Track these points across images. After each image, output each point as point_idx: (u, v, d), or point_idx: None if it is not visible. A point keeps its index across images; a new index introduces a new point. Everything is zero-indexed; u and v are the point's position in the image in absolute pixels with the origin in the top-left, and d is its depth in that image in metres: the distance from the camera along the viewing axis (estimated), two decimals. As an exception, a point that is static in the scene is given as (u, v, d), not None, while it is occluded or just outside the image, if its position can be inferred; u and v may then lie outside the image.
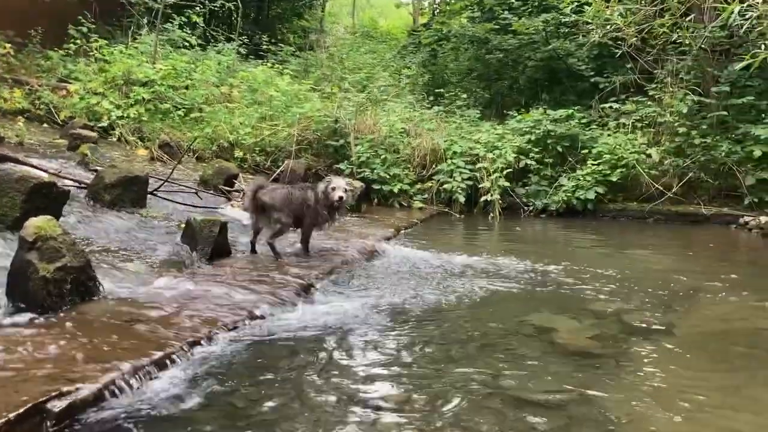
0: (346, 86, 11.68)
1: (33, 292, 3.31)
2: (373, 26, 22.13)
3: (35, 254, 3.33)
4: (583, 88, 12.03)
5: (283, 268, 4.92)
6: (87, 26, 12.00)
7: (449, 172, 9.71)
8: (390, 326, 3.93)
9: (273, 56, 14.84)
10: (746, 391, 3.31)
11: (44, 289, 3.32)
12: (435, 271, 5.57)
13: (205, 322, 3.48)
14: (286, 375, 3.12)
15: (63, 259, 3.42)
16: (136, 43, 12.31)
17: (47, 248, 3.37)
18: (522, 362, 3.53)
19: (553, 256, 6.35)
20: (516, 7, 12.89)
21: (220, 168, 7.99)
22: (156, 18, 12.90)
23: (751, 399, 3.20)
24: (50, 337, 2.98)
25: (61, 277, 3.40)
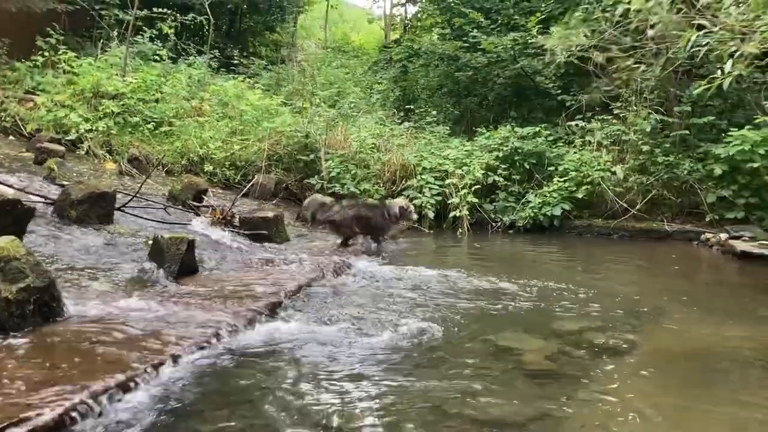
0: (317, 101, 11.73)
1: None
2: (345, 41, 22.27)
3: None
4: (551, 106, 12.25)
5: (250, 286, 4.93)
6: (56, 38, 11.90)
7: (419, 187, 9.80)
8: (355, 345, 3.96)
9: (244, 70, 14.85)
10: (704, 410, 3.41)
11: (6, 311, 3.29)
12: (402, 287, 5.63)
13: (171, 343, 3.48)
14: (251, 397, 3.14)
15: (26, 280, 3.40)
16: (105, 55, 12.23)
17: (10, 269, 3.35)
18: (485, 382, 3.58)
19: (519, 273, 6.45)
20: (485, 26, 13.08)
21: (189, 183, 7.97)
22: (126, 30, 12.84)
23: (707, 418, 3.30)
24: (10, 360, 2.97)
25: (24, 298, 3.38)
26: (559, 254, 8.22)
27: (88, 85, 10.61)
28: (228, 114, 11.26)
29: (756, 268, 7.52)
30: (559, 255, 8.14)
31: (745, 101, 9.85)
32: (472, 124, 12.66)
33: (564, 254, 8.18)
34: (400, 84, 14.72)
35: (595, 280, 6.48)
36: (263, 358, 3.64)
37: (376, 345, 4.02)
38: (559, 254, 8.22)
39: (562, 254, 8.22)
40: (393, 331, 4.32)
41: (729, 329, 4.93)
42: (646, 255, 8.11)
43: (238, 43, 17.77)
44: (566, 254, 8.22)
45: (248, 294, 4.70)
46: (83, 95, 10.60)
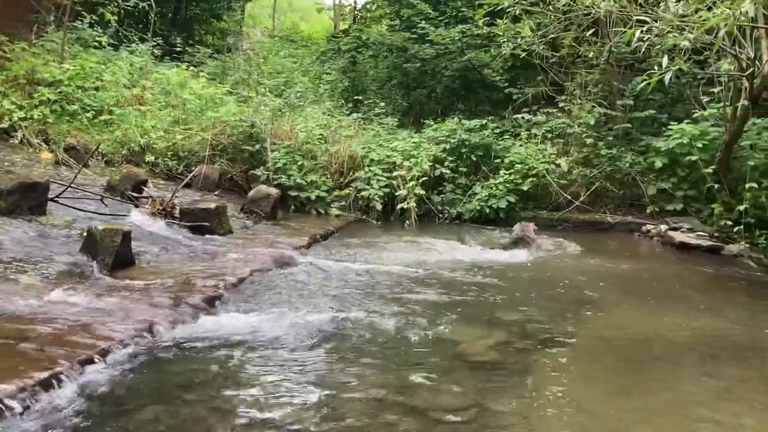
0: (263, 90, 11.53)
1: None
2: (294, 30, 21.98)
3: None
4: (498, 99, 12.32)
5: (189, 279, 4.80)
6: (-13, 21, 11.37)
7: (367, 179, 9.74)
8: (294, 339, 3.89)
9: (190, 58, 14.47)
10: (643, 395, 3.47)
11: None
12: (345, 279, 5.57)
13: (101, 338, 3.35)
14: (184, 392, 3.04)
15: (-57, 274, 3.22)
16: (41, 40, 11.74)
17: (-75, 262, 3.16)
18: (426, 373, 3.57)
19: (462, 265, 6.47)
20: (433, 18, 13.07)
21: (129, 173, 7.72)
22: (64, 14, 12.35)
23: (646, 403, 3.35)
24: (-76, 358, 2.80)
25: (-59, 293, 3.20)
26: (505, 246, 8.27)
27: (22, 71, 10.17)
28: (171, 103, 10.95)
29: (693, 258, 7.72)
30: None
31: (685, 96, 10.09)
32: (421, 116, 12.65)
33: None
34: (349, 75, 14.60)
35: (537, 270, 6.54)
36: (198, 353, 3.54)
37: (316, 337, 3.96)
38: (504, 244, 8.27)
39: (507, 246, 8.28)
40: (333, 322, 4.27)
41: (666, 317, 5.04)
42: (589, 246, 8.23)
43: (183, 31, 17.34)
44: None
45: (186, 287, 4.57)
46: (17, 82, 10.15)
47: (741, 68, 7.56)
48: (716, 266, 7.30)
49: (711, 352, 4.28)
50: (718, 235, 8.20)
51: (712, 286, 6.35)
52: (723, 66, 8.36)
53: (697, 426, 3.10)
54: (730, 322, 5.04)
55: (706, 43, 5.46)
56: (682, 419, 3.17)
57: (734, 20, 4.69)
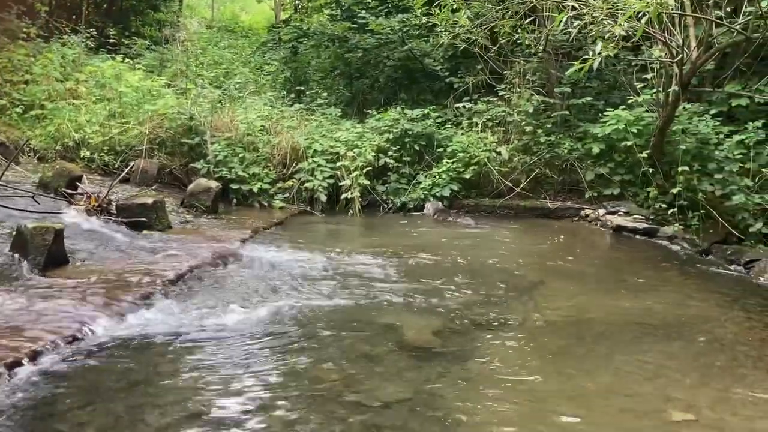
0: (201, 82, 11.31)
1: None
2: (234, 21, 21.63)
3: None
4: (439, 88, 12.38)
5: (124, 277, 4.69)
6: None
7: (310, 170, 9.67)
8: (234, 334, 3.84)
9: (126, 50, 14.08)
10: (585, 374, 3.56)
11: None
12: (287, 271, 5.53)
13: (30, 340, 3.25)
14: (117, 394, 2.97)
15: None
16: (-35, 32, 11.27)
17: None
18: (368, 362, 3.58)
19: (407, 252, 6.51)
20: (373, 7, 13.04)
21: (62, 169, 7.48)
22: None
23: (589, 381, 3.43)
24: None
25: None
26: (446, 233, 8.35)
27: (-55, 66, 9.75)
28: (106, 96, 10.64)
29: (630, 241, 7.95)
30: (445, 234, 8.27)
31: (620, 82, 10.33)
32: (364, 106, 12.62)
33: (450, 232, 8.32)
34: (290, 65, 14.45)
35: (479, 256, 6.62)
36: (133, 352, 3.46)
37: (256, 330, 3.92)
38: (445, 233, 8.35)
39: (449, 233, 8.36)
40: (274, 314, 4.25)
41: (604, 298, 5.18)
42: (530, 231, 8.39)
43: (119, 22, 16.83)
44: (452, 233, 8.36)
45: (121, 285, 4.46)
46: (-61, 76, 9.73)
47: (671, 55, 7.78)
48: (652, 248, 7.53)
49: (645, 330, 4.42)
50: (653, 218, 8.44)
51: (647, 268, 6.54)
52: (655, 53, 8.58)
53: (629, 403, 3.20)
54: (664, 301, 5.21)
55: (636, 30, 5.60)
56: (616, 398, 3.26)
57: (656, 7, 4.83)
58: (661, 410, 3.09)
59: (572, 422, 2.95)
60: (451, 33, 7.97)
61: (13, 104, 9.85)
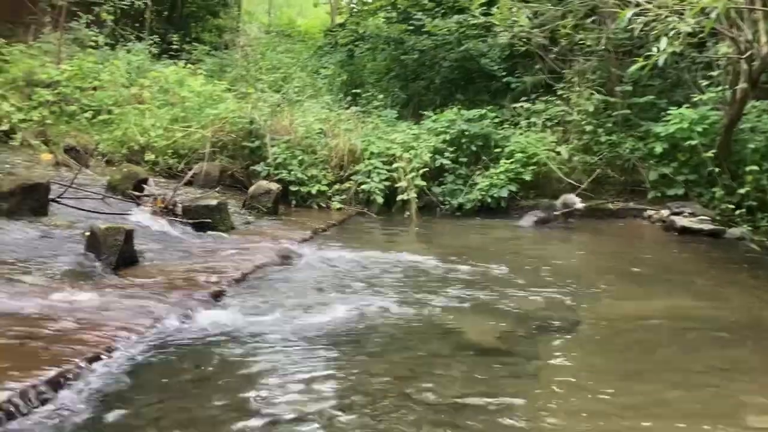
0: (261, 86, 11.51)
1: None
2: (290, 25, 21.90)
3: None
4: (496, 88, 12.30)
5: (192, 276, 4.82)
6: (-17, 24, 11.37)
7: (367, 172, 9.73)
8: (300, 333, 3.90)
9: (187, 56, 14.45)
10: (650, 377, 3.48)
11: (-73, 309, 3.13)
12: (349, 272, 5.59)
13: (107, 336, 3.37)
14: (191, 388, 3.06)
15: (-52, 276, 3.23)
16: (38, 42, 11.74)
17: (-70, 265, 3.18)
18: (432, 363, 3.58)
19: (467, 254, 6.49)
20: (429, 8, 13.03)
21: (129, 172, 7.74)
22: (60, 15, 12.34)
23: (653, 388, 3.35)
24: (-68, 359, 2.82)
25: (-53, 295, 3.21)
26: (507, 235, 8.29)
27: (20, 73, 10.16)
28: (169, 101, 10.95)
29: (695, 242, 7.73)
30: (506, 235, 8.21)
31: (684, 80, 10.07)
32: (420, 107, 12.63)
33: (511, 234, 8.26)
34: (347, 68, 14.56)
35: (539, 258, 6.55)
36: (202, 349, 3.55)
37: (322, 330, 3.97)
38: (506, 235, 8.29)
39: (510, 235, 8.30)
40: (339, 315, 4.27)
41: (670, 301, 5.07)
42: (591, 233, 8.26)
43: (180, 29, 17.30)
44: (513, 234, 8.30)
45: (189, 283, 4.59)
46: (15, 84, 10.15)
47: (739, 51, 7.54)
48: (719, 250, 7.32)
49: (714, 333, 4.30)
50: (719, 219, 8.20)
51: (715, 270, 6.36)
52: (721, 49, 8.34)
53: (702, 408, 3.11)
54: (733, 304, 5.06)
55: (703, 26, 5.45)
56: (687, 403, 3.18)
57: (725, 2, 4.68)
58: (737, 415, 3.00)
59: (643, 427, 2.89)
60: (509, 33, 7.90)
61: (83, 110, 10.20)
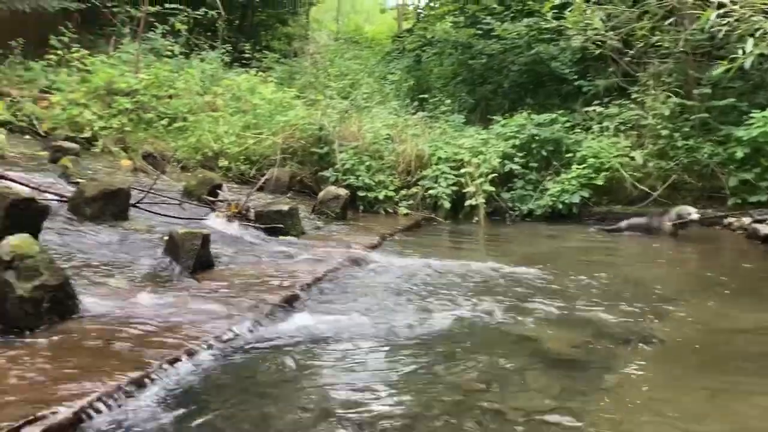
0: (330, 93, 11.66)
1: (9, 311, 3.27)
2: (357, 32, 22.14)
3: (12, 273, 3.30)
4: (567, 92, 12.08)
5: (266, 280, 4.89)
6: (68, 36, 11.92)
7: (434, 177, 9.71)
8: (373, 336, 3.91)
9: (257, 64, 14.80)
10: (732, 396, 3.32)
11: (21, 309, 3.28)
12: (418, 278, 5.56)
13: (187, 338, 3.45)
14: (268, 391, 3.10)
15: (40, 278, 3.38)
16: (118, 52, 12.24)
17: (24, 267, 3.33)
18: (506, 373, 3.52)
19: (540, 262, 6.36)
20: (498, 12, 12.93)
21: (204, 178, 7.95)
22: (138, 26, 12.84)
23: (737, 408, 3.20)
24: (26, 357, 2.95)
25: (39, 296, 3.36)
26: (578, 242, 8.11)
27: (102, 83, 10.60)
28: (242, 108, 11.22)
29: (781, 251, 7.37)
30: (579, 242, 8.03)
31: (767, 82, 9.63)
32: (488, 112, 12.54)
33: (584, 242, 8.07)
34: (414, 74, 14.59)
35: (617, 267, 6.38)
36: (279, 352, 3.59)
37: (395, 336, 3.97)
38: (579, 242, 8.11)
39: (583, 242, 8.11)
40: (410, 321, 4.26)
41: (752, 314, 4.82)
42: (668, 240, 7.97)
43: (251, 37, 17.73)
44: (587, 242, 8.11)
45: (264, 287, 4.66)
46: (97, 93, 10.59)
47: (830, 50, 7.15)
48: (807, 260, 6.95)
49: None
50: (808, 227, 7.79)
51: (803, 281, 6.03)
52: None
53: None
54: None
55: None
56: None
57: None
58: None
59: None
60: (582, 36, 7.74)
61: (159, 117, 10.56)
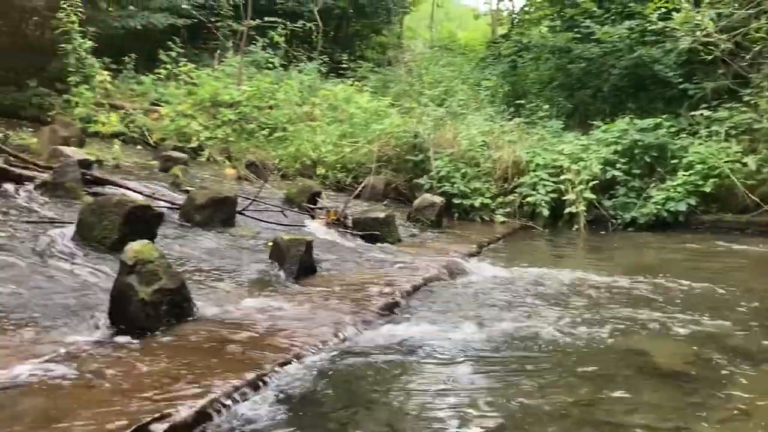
0: (425, 101, 11.71)
1: (132, 313, 3.46)
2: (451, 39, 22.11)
3: (134, 277, 3.49)
4: (671, 96, 11.58)
5: (367, 287, 4.95)
6: (176, 51, 12.56)
7: (532, 184, 9.54)
8: (476, 345, 3.87)
9: (352, 73, 15.07)
10: None
11: (143, 311, 3.46)
12: (519, 288, 5.47)
13: (295, 342, 3.54)
14: (374, 398, 3.13)
15: (160, 282, 3.56)
16: (222, 65, 12.78)
17: (145, 271, 3.52)
18: (615, 387, 3.40)
19: (647, 272, 6.12)
20: (598, 15, 12.57)
21: (304, 186, 8.16)
22: (240, 40, 13.38)
23: None
24: (149, 358, 3.10)
25: (158, 299, 3.54)
26: (687, 252, 7.75)
27: (207, 95, 11.11)
28: (338, 118, 11.46)
29: None
30: (687, 252, 7.68)
31: None
32: (586, 117, 12.22)
33: (692, 251, 7.71)
34: (509, 79, 14.41)
35: (731, 278, 6.04)
36: (384, 359, 3.62)
37: (498, 346, 3.92)
38: (687, 252, 7.75)
39: (691, 251, 7.74)
40: (512, 332, 4.18)
41: None
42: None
43: (345, 48, 18.09)
44: (695, 251, 7.74)
45: (365, 294, 4.72)
46: (202, 105, 11.11)
47: None
48: None
49: None
50: None
51: None
52: None
53: None
54: None
55: None
56: None
57: None
58: None
59: None
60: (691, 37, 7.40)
61: (261, 128, 10.95)
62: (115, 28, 12.66)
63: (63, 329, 3.40)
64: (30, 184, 6.08)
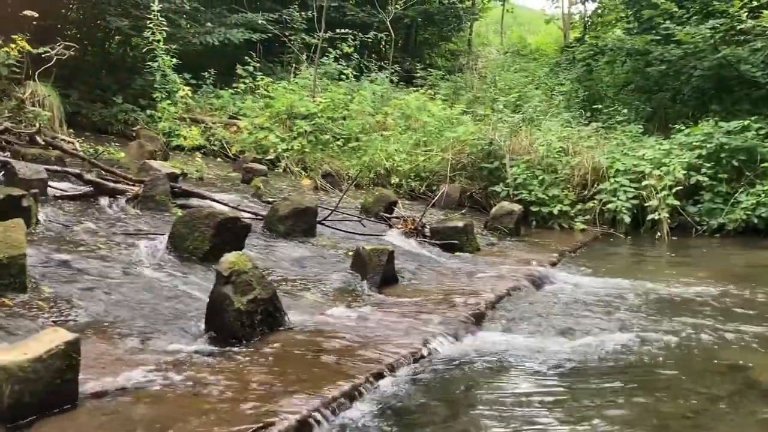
0: (499, 107, 11.60)
1: (228, 323, 3.56)
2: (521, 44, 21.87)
3: (230, 287, 3.59)
4: (759, 96, 11.06)
5: (450, 296, 4.94)
6: (253, 65, 12.89)
7: (612, 191, 9.28)
8: (565, 358, 3.80)
9: (423, 81, 15.09)
10: None
11: (238, 321, 3.56)
12: (607, 298, 5.33)
13: (386, 353, 3.55)
14: (468, 409, 3.12)
15: (253, 292, 3.65)
16: (297, 78, 13.03)
17: (240, 282, 3.61)
18: (714, 404, 3.28)
19: (739, 283, 5.87)
20: (679, 16, 12.14)
21: (380, 195, 8.20)
22: (314, 53, 13.60)
23: None
24: (247, 367, 3.18)
25: (253, 309, 3.62)
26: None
27: (283, 108, 11.33)
28: (411, 126, 11.48)
29: None
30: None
31: None
32: (666, 120, 11.83)
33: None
34: (585, 84, 14.10)
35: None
36: (476, 369, 3.60)
37: (588, 359, 3.83)
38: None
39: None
40: (604, 345, 4.07)
41: None
42: None
43: (415, 56, 18.14)
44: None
45: (450, 304, 4.70)
46: (279, 117, 11.34)
47: None
48: None
49: None
50: None
51: None
52: None
53: None
54: None
55: None
56: None
57: None
58: None
59: None
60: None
61: (335, 138, 11.08)
62: (194, 45, 13.08)
63: (164, 337, 3.52)
64: (122, 197, 6.36)
